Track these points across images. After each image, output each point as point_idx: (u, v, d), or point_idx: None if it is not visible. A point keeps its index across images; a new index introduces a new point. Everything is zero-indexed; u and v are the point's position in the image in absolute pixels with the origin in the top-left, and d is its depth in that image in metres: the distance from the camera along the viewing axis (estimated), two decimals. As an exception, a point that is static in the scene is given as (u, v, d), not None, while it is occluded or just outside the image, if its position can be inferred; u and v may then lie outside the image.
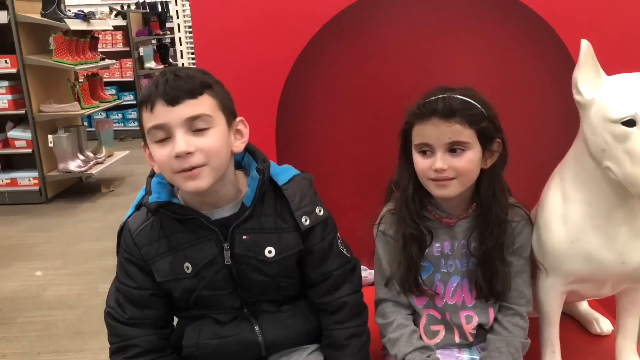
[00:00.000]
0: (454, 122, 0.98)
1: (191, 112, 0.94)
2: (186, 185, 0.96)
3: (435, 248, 1.09)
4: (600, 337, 1.28)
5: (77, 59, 3.98)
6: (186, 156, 0.93)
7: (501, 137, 1.04)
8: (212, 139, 0.96)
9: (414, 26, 1.48)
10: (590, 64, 0.95)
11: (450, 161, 0.99)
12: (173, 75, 0.96)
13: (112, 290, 1.09)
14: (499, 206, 1.05)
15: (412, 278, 1.07)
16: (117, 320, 1.07)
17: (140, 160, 5.17)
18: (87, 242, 3.25)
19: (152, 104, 0.94)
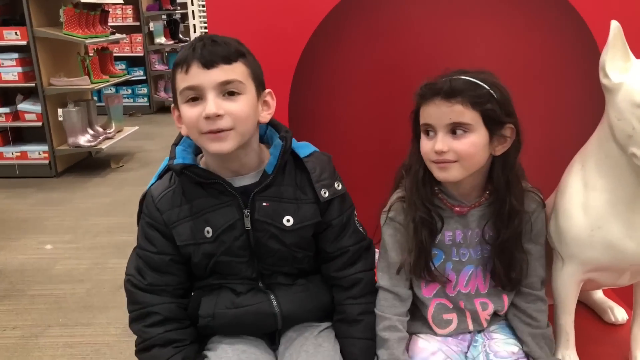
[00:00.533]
0: (455, 103, 0.95)
1: (224, 77, 0.98)
2: (211, 147, 0.99)
3: (447, 236, 1.06)
4: (614, 326, 1.27)
5: (87, 32, 3.95)
6: (215, 118, 0.96)
7: (514, 123, 0.99)
8: (242, 104, 0.99)
9: (430, 5, 1.44)
10: (619, 46, 0.91)
11: (451, 143, 0.96)
12: (210, 40, 1.00)
13: (132, 257, 1.11)
14: (514, 196, 1.01)
15: (424, 264, 1.04)
16: (136, 287, 1.07)
17: (149, 136, 5.18)
18: (96, 216, 3.27)
19: (187, 65, 0.98)
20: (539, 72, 1.45)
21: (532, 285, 1.07)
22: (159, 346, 1.05)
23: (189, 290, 1.13)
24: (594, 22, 1.27)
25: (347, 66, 1.50)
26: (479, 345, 1.09)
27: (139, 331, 1.07)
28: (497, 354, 1.05)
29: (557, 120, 1.44)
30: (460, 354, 1.08)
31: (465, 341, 1.11)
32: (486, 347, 1.07)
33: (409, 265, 1.05)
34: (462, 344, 1.10)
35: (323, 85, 1.52)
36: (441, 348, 1.07)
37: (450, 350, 1.07)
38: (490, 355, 1.05)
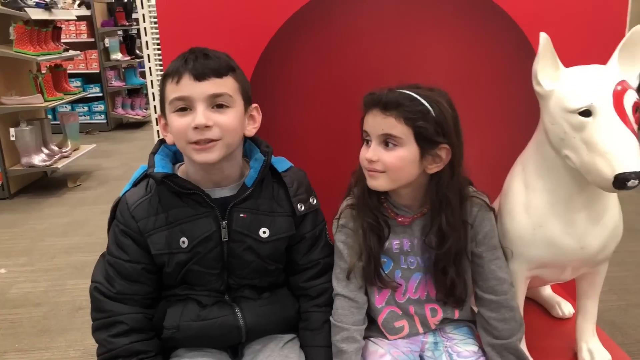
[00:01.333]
0: (389, 115, 0.98)
1: (215, 90, 1.01)
2: (197, 157, 1.01)
3: (395, 244, 1.09)
4: (562, 319, 1.34)
5: (39, 49, 3.86)
6: (204, 129, 0.99)
7: (450, 144, 0.99)
8: (230, 117, 1.02)
9: (379, 19, 1.49)
10: (549, 56, 0.98)
11: (381, 154, 1.00)
12: (202, 53, 1.03)
13: (101, 265, 1.10)
14: (446, 217, 1.02)
15: (373, 269, 1.07)
16: (104, 295, 1.07)
17: (107, 154, 5.08)
18: (53, 237, 3.18)
19: (179, 76, 1.00)
20: (484, 81, 1.52)
21: (491, 289, 1.06)
22: (123, 357, 1.04)
23: (157, 301, 1.13)
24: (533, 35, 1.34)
25: (301, 79, 1.54)
26: (440, 346, 1.12)
27: (103, 340, 1.06)
28: (459, 354, 1.09)
29: (503, 126, 1.50)
30: (410, 355, 1.10)
31: (416, 342, 1.13)
32: (448, 348, 1.10)
33: (359, 270, 1.08)
34: (412, 345, 1.13)
35: (277, 97, 1.55)
36: (389, 351, 1.10)
37: (399, 352, 1.10)
38: (453, 356, 1.09)
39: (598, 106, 0.89)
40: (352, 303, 1.09)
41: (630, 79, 0.95)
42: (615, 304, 2.23)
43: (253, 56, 1.39)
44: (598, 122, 0.89)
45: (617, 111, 0.88)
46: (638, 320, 2.11)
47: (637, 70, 0.97)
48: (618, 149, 0.86)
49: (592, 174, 0.90)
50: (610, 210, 1.05)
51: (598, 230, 1.03)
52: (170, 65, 1.03)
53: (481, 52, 1.53)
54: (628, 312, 2.17)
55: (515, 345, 1.06)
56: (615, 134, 0.87)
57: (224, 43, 1.37)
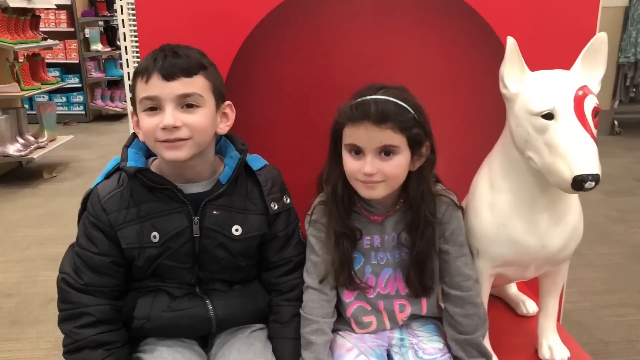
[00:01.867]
0: (385, 128, 0.98)
1: (184, 90, 1.00)
2: (166, 154, 1.02)
3: (365, 241, 1.11)
4: (526, 317, 1.37)
5: (16, 37, 3.81)
6: (172, 129, 0.99)
7: (430, 142, 1.05)
8: (199, 116, 1.02)
9: (356, 19, 1.51)
10: (515, 59, 1.01)
11: (380, 165, 1.00)
12: (172, 51, 1.02)
13: (69, 256, 1.10)
14: (428, 208, 1.06)
15: (346, 273, 1.09)
16: (71, 286, 1.06)
17: (84, 145, 5.03)
18: (27, 228, 3.14)
19: (148, 75, 0.99)
20: (457, 83, 1.55)
21: (457, 285, 1.09)
22: (90, 348, 1.04)
23: (125, 293, 1.13)
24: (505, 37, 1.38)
25: (278, 76, 1.54)
26: (407, 342, 1.14)
27: (69, 332, 1.05)
28: (425, 351, 1.11)
29: (473, 127, 1.53)
30: (377, 349, 1.13)
31: (383, 338, 1.16)
32: (414, 345, 1.13)
33: (332, 273, 1.09)
34: (379, 340, 1.15)
35: (255, 94, 1.56)
36: (356, 345, 1.12)
37: (365, 346, 1.12)
38: (419, 352, 1.11)
39: (559, 110, 0.92)
40: (322, 296, 1.11)
41: (592, 84, 0.98)
42: (582, 305, 2.29)
43: (230, 52, 1.40)
44: (559, 125, 0.92)
45: (577, 115, 0.91)
46: (603, 321, 2.17)
47: (599, 75, 1.00)
48: (577, 151, 0.89)
49: (553, 175, 0.93)
50: (572, 212, 1.08)
51: (559, 231, 1.06)
52: (141, 63, 1.03)
53: (456, 55, 1.56)
54: (594, 313, 2.23)
55: (478, 341, 1.09)
56: (574, 137, 0.90)
57: (201, 37, 1.38)
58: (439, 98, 1.59)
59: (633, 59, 4.79)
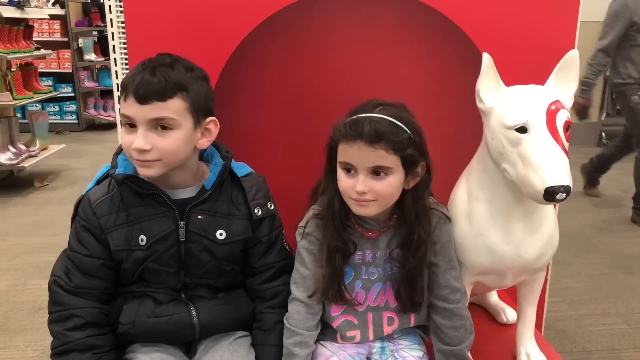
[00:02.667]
0: (378, 148, 0.97)
1: (156, 114, 1.01)
2: (139, 170, 1.06)
3: (357, 255, 1.11)
4: (506, 325, 1.40)
5: (9, 47, 3.83)
6: (142, 152, 1.01)
7: (426, 161, 1.04)
8: (171, 140, 1.03)
9: (342, 33, 1.55)
10: (491, 75, 1.04)
11: (372, 184, 1.00)
12: (151, 72, 1.01)
13: (61, 259, 1.13)
14: (422, 227, 1.06)
15: (336, 288, 1.08)
16: (62, 288, 1.09)
17: (76, 154, 5.03)
18: (16, 237, 3.14)
19: (126, 94, 1.02)
20: (440, 95, 1.59)
21: (445, 297, 1.10)
22: (78, 351, 1.06)
23: (113, 297, 1.15)
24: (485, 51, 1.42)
25: (266, 86, 1.58)
26: (387, 350, 1.16)
27: (58, 334, 1.08)
28: (405, 358, 1.13)
29: (456, 138, 1.57)
30: (357, 357, 1.14)
31: (364, 346, 1.17)
32: (394, 352, 1.15)
33: (321, 290, 1.09)
34: (360, 348, 1.17)
35: (243, 104, 1.59)
36: (336, 353, 1.13)
37: (345, 354, 1.14)
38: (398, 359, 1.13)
39: (532, 123, 0.96)
40: (309, 309, 1.11)
41: (564, 98, 1.02)
42: (566, 314, 2.32)
43: (219, 63, 1.42)
44: (532, 139, 0.95)
45: (549, 129, 0.95)
46: (586, 329, 2.20)
47: (572, 90, 1.04)
48: (548, 164, 0.93)
49: (526, 186, 0.96)
50: (547, 222, 1.11)
51: (534, 240, 1.09)
52: (125, 77, 1.04)
53: (440, 67, 1.60)
54: (578, 322, 2.26)
55: (463, 352, 1.11)
56: (546, 150, 0.94)
57: (190, 49, 1.41)
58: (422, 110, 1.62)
59: (620, 72, 4.87)
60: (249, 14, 1.41)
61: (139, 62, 1.06)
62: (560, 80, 1.04)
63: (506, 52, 1.47)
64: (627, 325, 2.24)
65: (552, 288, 2.44)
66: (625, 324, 2.25)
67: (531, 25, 1.49)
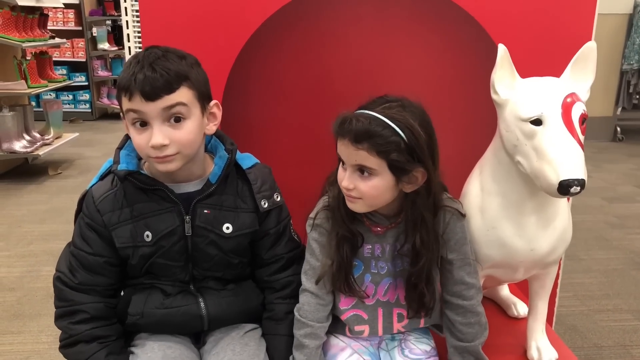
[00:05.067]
0: (360, 148, 0.95)
1: (168, 103, 0.99)
2: (159, 167, 1.04)
3: (366, 249, 1.10)
4: (517, 319, 1.39)
5: (24, 35, 3.86)
6: (162, 147, 1.00)
7: (425, 168, 0.98)
8: (187, 131, 1.02)
9: (357, 24, 1.54)
10: (506, 67, 1.03)
11: (357, 182, 0.99)
12: (150, 68, 0.98)
13: (65, 255, 1.13)
14: (420, 236, 1.03)
15: (344, 277, 1.08)
16: (66, 285, 1.10)
17: (90, 143, 5.08)
18: (31, 224, 3.18)
19: (130, 94, 0.98)
20: (455, 87, 1.58)
21: (459, 294, 1.09)
22: (84, 342, 1.08)
23: (119, 291, 1.16)
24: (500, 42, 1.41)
25: (278, 78, 1.58)
26: (396, 340, 1.17)
27: (64, 327, 1.09)
28: (412, 350, 1.14)
29: (471, 130, 1.56)
30: (370, 347, 1.15)
31: (375, 337, 1.17)
32: (402, 343, 1.16)
33: (329, 276, 1.08)
34: (372, 339, 1.17)
35: (256, 94, 1.59)
36: (349, 344, 1.14)
37: (358, 344, 1.14)
38: (405, 351, 1.14)
39: (547, 116, 0.95)
40: (319, 300, 1.11)
41: (581, 91, 1.00)
42: (578, 309, 2.31)
43: (232, 53, 1.43)
44: (547, 131, 0.94)
45: (564, 122, 0.94)
46: (598, 325, 2.19)
47: (588, 83, 1.03)
48: (563, 157, 0.92)
49: (540, 179, 0.95)
50: (560, 216, 1.10)
51: (547, 234, 1.08)
52: (122, 78, 1.00)
53: (455, 59, 1.58)
54: (589, 318, 2.25)
55: (476, 349, 1.10)
56: (561, 143, 0.93)
57: (204, 39, 1.42)
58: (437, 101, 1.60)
59: (636, 66, 4.80)
60: (263, 3, 1.41)
61: (129, 61, 1.03)
62: (576, 73, 1.02)
63: (522, 44, 1.46)
64: (639, 321, 2.22)
65: (563, 283, 2.45)
66: (637, 320, 2.23)
67: (548, 17, 1.47)
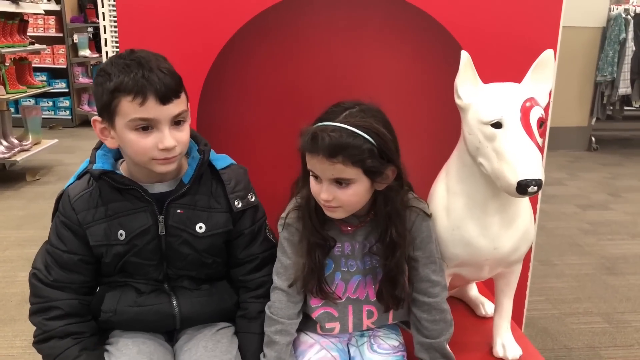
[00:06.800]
0: (336, 162, 0.98)
1: (177, 110, 1.03)
2: (159, 169, 1.06)
3: (336, 249, 1.13)
4: (485, 318, 1.43)
5: (3, 41, 3.85)
6: (171, 149, 1.03)
7: (396, 166, 1.03)
8: (186, 132, 1.08)
9: (330, 31, 1.58)
10: (469, 73, 1.08)
11: (336, 193, 1.01)
12: (159, 70, 1.00)
13: (41, 253, 1.14)
14: (395, 228, 1.07)
15: (316, 281, 1.10)
16: (41, 282, 1.11)
17: (69, 149, 5.04)
18: (7, 230, 3.15)
19: (143, 97, 0.98)
20: (425, 93, 1.62)
21: (424, 291, 1.12)
22: (58, 338, 1.09)
23: (94, 289, 1.17)
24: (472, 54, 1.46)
25: (254, 83, 1.61)
26: (365, 336, 1.19)
27: (38, 323, 1.10)
28: (380, 345, 1.16)
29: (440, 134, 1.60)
30: (339, 344, 1.18)
31: (344, 335, 1.19)
32: (371, 339, 1.18)
33: (301, 280, 1.11)
34: (341, 336, 1.19)
35: (232, 99, 1.62)
36: (318, 340, 1.16)
37: (327, 341, 1.16)
38: (374, 346, 1.16)
39: (507, 119, 0.99)
40: (290, 298, 1.13)
41: (540, 96, 1.05)
42: (549, 313, 2.37)
43: (208, 59, 1.46)
44: (506, 134, 0.99)
45: (523, 125, 0.98)
46: (569, 328, 2.24)
47: (547, 88, 1.08)
48: (521, 158, 0.96)
49: (500, 179, 0.99)
50: (522, 216, 1.14)
51: (510, 233, 1.12)
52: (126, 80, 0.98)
53: (425, 67, 1.63)
54: (560, 321, 2.30)
55: (442, 345, 1.13)
56: (519, 145, 0.97)
57: (181, 43, 1.45)
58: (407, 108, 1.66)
59: (610, 78, 4.94)
60: (239, 10, 1.44)
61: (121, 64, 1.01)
62: (536, 78, 1.07)
63: (491, 53, 1.51)
64: (608, 324, 2.28)
65: (536, 287, 2.51)
66: (606, 322, 2.29)
67: (515, 28, 1.53)
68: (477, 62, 1.11)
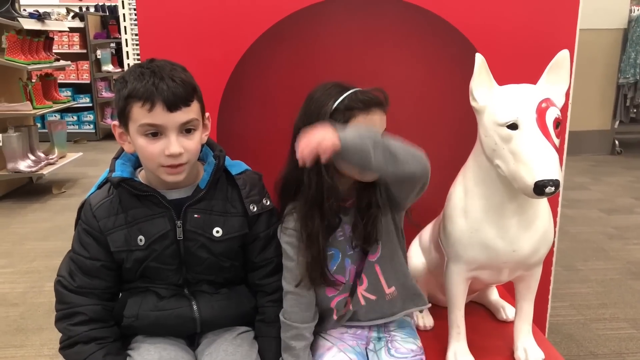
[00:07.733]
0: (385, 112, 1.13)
1: (185, 118, 1.06)
2: (168, 178, 1.09)
3: (339, 234, 1.16)
4: (506, 322, 1.42)
5: (30, 58, 3.95)
6: (177, 156, 1.06)
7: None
8: (196, 141, 1.10)
9: (346, 38, 1.61)
10: (484, 75, 1.08)
11: None
12: (170, 78, 1.04)
13: (66, 260, 1.18)
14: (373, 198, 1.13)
15: (320, 272, 1.13)
16: (66, 288, 1.14)
17: (93, 162, 5.14)
18: (34, 241, 3.23)
19: (151, 104, 1.03)
20: (442, 97, 1.63)
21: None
22: (82, 343, 1.11)
23: (116, 294, 1.21)
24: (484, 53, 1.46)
25: (272, 91, 1.64)
26: (383, 341, 1.20)
27: (64, 329, 1.13)
28: (397, 350, 1.17)
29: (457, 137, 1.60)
30: (357, 347, 1.18)
31: (361, 337, 1.21)
32: (388, 343, 1.19)
33: (306, 277, 1.14)
34: (358, 338, 1.20)
35: (250, 108, 1.65)
36: (336, 343, 1.18)
37: (345, 344, 1.18)
38: (392, 351, 1.17)
39: (523, 120, 0.99)
40: (301, 299, 1.16)
41: (556, 97, 1.05)
42: (574, 319, 2.32)
43: (228, 66, 1.49)
44: (522, 135, 0.99)
45: (539, 125, 0.98)
46: (594, 334, 2.20)
47: (563, 89, 1.08)
48: (538, 159, 0.96)
49: (517, 181, 0.99)
50: (541, 217, 1.13)
51: (529, 235, 1.12)
52: (137, 86, 1.03)
53: (441, 71, 1.64)
54: (586, 327, 2.26)
55: None
56: (536, 146, 0.97)
57: (201, 53, 1.48)
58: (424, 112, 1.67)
59: (632, 80, 4.86)
60: (256, 20, 1.47)
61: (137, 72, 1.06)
62: (551, 80, 1.07)
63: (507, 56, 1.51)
64: (634, 329, 2.23)
65: (561, 293, 2.47)
66: (633, 328, 2.24)
67: (531, 30, 1.52)
68: (493, 65, 1.11)
